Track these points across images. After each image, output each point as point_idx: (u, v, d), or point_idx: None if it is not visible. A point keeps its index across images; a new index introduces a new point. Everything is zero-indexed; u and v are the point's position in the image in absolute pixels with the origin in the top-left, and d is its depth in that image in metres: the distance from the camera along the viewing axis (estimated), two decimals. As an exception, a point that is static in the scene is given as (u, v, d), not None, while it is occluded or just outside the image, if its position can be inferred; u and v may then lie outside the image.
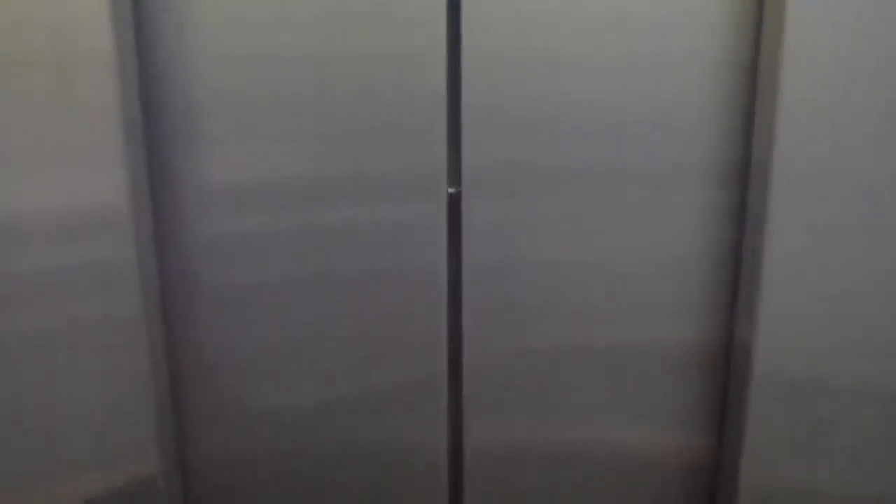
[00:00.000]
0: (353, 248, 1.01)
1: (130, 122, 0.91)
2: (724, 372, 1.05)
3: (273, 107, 0.96)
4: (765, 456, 1.02)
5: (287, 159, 0.97)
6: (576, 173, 0.99)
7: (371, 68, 0.94)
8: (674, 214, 1.00)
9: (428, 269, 1.01)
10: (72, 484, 1.01)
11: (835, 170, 0.92)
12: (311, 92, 0.95)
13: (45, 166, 0.90)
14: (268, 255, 1.01)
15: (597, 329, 1.05)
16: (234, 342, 1.04)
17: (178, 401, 1.06)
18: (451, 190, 0.99)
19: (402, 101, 0.95)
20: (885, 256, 0.96)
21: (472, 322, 1.04)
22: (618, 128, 0.97)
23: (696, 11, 0.93)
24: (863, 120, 0.91)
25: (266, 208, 0.99)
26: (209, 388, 1.06)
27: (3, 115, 0.88)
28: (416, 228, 0.99)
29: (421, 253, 1.00)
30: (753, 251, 0.97)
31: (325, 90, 0.95)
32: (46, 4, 0.85)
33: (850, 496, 1.05)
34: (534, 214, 1.00)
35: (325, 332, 1.04)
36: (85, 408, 0.99)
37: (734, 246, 1.01)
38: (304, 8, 0.93)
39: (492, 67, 0.94)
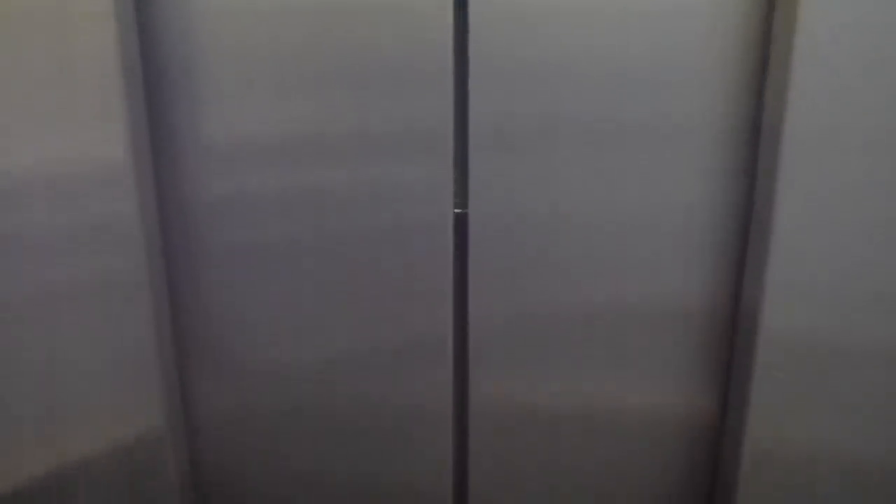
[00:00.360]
0: (359, 206, 1.00)
1: (131, 78, 0.90)
2: (731, 332, 1.05)
3: (276, 61, 0.94)
4: (769, 416, 1.02)
5: (290, 115, 0.96)
6: (584, 129, 0.97)
7: (376, 21, 0.92)
8: (684, 172, 0.99)
9: (434, 225, 1.00)
10: (77, 439, 1.02)
11: (847, 129, 0.91)
12: (315, 46, 0.93)
13: (45, 122, 0.89)
14: (271, 212, 1.00)
15: (603, 287, 1.04)
16: (237, 299, 1.04)
17: (182, 357, 1.06)
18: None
19: (407, 55, 0.93)
20: (896, 216, 0.95)
21: (477, 279, 1.03)
22: (627, 82, 0.95)
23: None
24: (876, 78, 0.89)
25: (269, 165, 0.98)
26: (213, 345, 1.06)
27: (2, 70, 0.87)
28: (422, 185, 0.98)
29: (427, 209, 0.99)
30: (762, 211, 0.96)
31: (330, 44, 0.93)
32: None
33: (855, 456, 1.05)
34: (541, 171, 0.99)
35: (330, 290, 1.04)
36: (89, 364, 0.99)
37: (743, 205, 0.99)
38: (307, -42, 0.91)
39: (499, 20, 0.92)
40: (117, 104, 0.89)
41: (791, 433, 1.03)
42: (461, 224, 1.01)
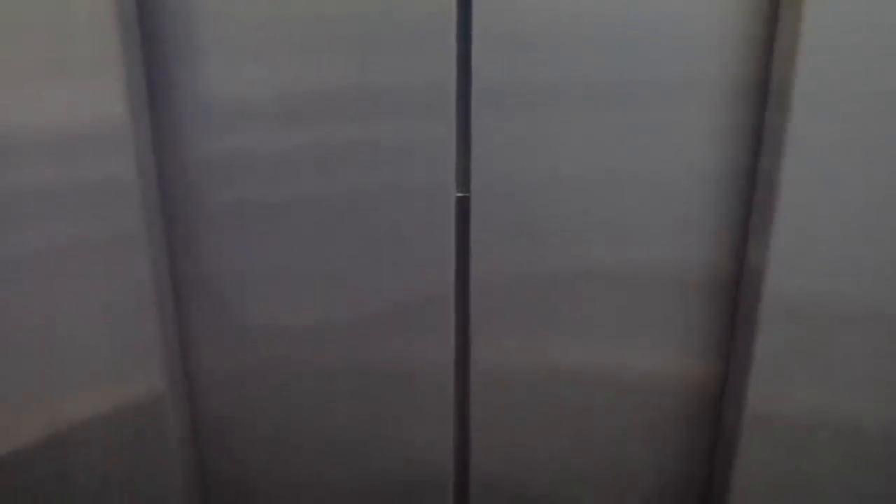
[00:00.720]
0: (360, 165, 0.99)
1: (127, 33, 0.88)
2: (734, 294, 1.04)
3: (278, 17, 0.92)
4: (772, 380, 1.02)
5: (291, 71, 0.94)
6: (587, 89, 0.96)
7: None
8: (688, 133, 0.98)
9: (436, 186, 0.99)
10: (78, 400, 1.02)
11: (857, 91, 0.89)
12: (319, 3, 0.91)
13: (40, 79, 0.87)
14: (271, 170, 0.99)
15: (606, 249, 1.03)
16: (237, 259, 1.03)
17: (182, 317, 1.06)
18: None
19: (410, 11, 0.91)
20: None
21: (480, 240, 1.02)
22: (632, 43, 0.94)
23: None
24: (887, 38, 0.87)
25: (271, 123, 0.97)
26: (213, 305, 1.06)
27: (-2, 27, 0.85)
28: (424, 144, 0.97)
29: (430, 169, 0.98)
30: (769, 173, 0.95)
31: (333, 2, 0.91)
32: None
33: (855, 418, 1.05)
34: (544, 132, 0.97)
35: (331, 251, 1.03)
36: (89, 325, 0.99)
37: (749, 167, 0.98)
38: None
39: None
40: (114, 60, 0.87)
41: (793, 397, 1.03)
42: (464, 185, 1.00)
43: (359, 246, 1.02)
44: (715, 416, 1.12)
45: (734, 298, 1.04)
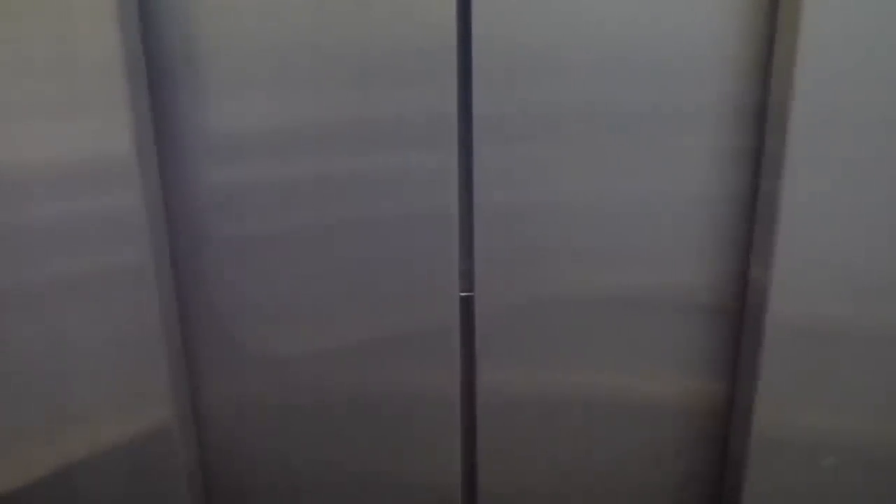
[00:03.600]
0: (365, 194, 0.99)
1: (133, 69, 0.89)
2: (739, 316, 1.04)
3: (278, 51, 0.93)
4: (778, 400, 1.02)
5: (294, 104, 0.95)
6: (588, 115, 0.96)
7: (380, 8, 0.92)
8: (688, 157, 0.98)
9: (440, 214, 1.00)
10: (84, 432, 1.02)
11: (854, 112, 0.90)
12: (319, 35, 0.93)
13: (47, 115, 0.89)
14: (276, 201, 1.00)
15: (610, 273, 1.03)
16: (244, 290, 1.04)
17: (190, 349, 1.06)
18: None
19: (411, 41, 0.92)
20: (904, 199, 0.94)
21: (484, 267, 1.03)
22: (630, 67, 0.94)
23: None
24: (886, 59, 0.88)
25: (273, 155, 0.98)
26: (220, 336, 1.06)
27: (4, 63, 0.86)
28: (426, 174, 0.98)
29: (433, 198, 0.99)
30: (769, 194, 0.95)
31: (333, 31, 0.92)
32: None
33: (863, 442, 1.05)
34: (545, 159, 0.98)
35: (337, 280, 1.03)
36: (97, 358, 0.99)
37: (750, 189, 0.99)
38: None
39: (503, 9, 0.92)
40: (120, 97, 0.88)
41: (800, 416, 1.03)
42: (467, 212, 1.00)
43: (365, 275, 1.03)
44: (723, 438, 1.11)
45: (739, 320, 1.04)
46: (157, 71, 0.94)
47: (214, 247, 1.02)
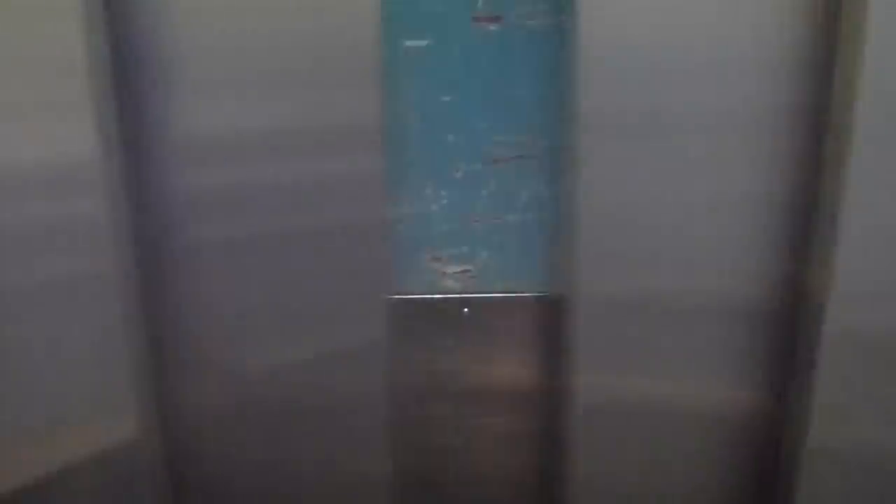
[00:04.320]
0: (320, 201, 0.97)
1: (97, 70, 0.89)
2: (794, 326, 1.00)
3: (240, 56, 0.92)
4: (833, 413, 0.98)
5: (253, 110, 0.94)
6: (640, 118, 0.93)
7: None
8: (749, 160, 0.94)
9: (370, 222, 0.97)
10: (50, 445, 1.00)
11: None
12: (276, 41, 0.92)
13: (7, 116, 0.89)
14: (239, 208, 0.98)
15: (667, 279, 0.99)
16: (208, 298, 1.01)
17: (157, 358, 1.03)
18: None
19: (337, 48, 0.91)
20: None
21: (587, 267, 0.99)
22: (690, 71, 0.91)
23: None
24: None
25: (235, 160, 0.96)
26: (186, 346, 1.03)
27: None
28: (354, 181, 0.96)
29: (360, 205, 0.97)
30: (832, 202, 0.91)
31: (290, 38, 0.91)
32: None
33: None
34: (647, 159, 0.95)
35: (293, 289, 1.01)
36: (60, 367, 0.97)
37: (815, 195, 0.94)
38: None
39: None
40: (84, 99, 0.88)
41: (854, 428, 0.99)
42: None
43: (314, 284, 1.00)
44: (778, 449, 1.06)
45: (795, 330, 1.00)
46: (122, 74, 0.93)
47: (177, 253, 1.00)
